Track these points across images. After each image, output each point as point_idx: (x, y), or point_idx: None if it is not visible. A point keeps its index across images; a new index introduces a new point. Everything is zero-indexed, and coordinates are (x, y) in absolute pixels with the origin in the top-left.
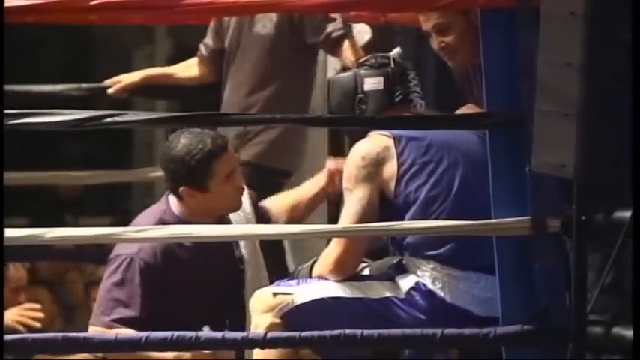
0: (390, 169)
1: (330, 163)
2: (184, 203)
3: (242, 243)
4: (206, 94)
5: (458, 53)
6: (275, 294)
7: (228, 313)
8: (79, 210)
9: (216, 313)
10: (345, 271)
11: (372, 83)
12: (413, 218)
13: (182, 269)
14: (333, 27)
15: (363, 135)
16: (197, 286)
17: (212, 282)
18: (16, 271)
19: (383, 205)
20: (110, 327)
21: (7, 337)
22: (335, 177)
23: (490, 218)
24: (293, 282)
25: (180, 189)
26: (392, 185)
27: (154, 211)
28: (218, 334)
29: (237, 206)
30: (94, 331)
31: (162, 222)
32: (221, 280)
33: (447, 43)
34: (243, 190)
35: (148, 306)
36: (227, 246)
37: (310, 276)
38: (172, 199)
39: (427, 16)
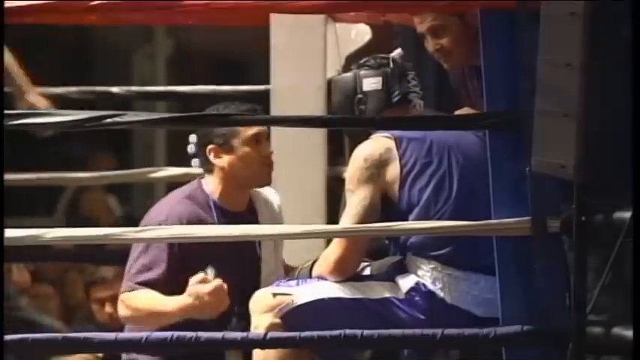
0: (393, 171)
1: None
2: (214, 175)
3: (263, 242)
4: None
5: (453, 55)
6: (275, 294)
7: (240, 303)
8: None
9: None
10: (345, 272)
11: (370, 83)
12: (416, 219)
13: (205, 244)
14: None
15: (363, 137)
16: (217, 265)
17: (232, 267)
18: (19, 274)
19: (387, 208)
20: (133, 289)
21: (7, 337)
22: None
23: (491, 218)
24: (293, 282)
25: (208, 147)
26: (396, 187)
27: (184, 189)
28: (218, 335)
29: (265, 179)
30: (122, 299)
31: (191, 197)
32: (240, 268)
33: (441, 46)
34: (270, 160)
35: (171, 270)
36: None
37: (310, 276)
38: (204, 180)
39: (422, 19)
